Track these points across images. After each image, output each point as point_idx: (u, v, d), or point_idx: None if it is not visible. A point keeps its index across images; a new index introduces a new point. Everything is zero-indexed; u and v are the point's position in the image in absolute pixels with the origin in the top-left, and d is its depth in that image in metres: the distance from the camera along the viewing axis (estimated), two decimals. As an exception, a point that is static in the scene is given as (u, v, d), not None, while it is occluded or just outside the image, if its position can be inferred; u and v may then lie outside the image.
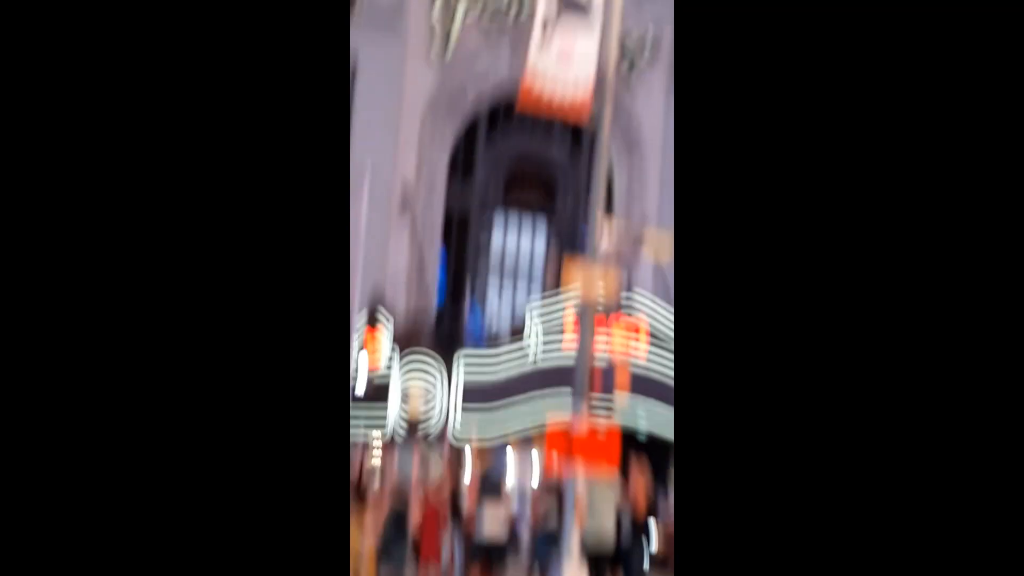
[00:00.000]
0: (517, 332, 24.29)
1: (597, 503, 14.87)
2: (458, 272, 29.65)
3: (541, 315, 23.36)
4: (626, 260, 14.88)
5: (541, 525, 16.36)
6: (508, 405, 22.04)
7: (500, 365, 22.77)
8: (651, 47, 30.93)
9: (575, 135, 30.86)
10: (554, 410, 17.69)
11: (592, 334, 13.77)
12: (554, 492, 16.51)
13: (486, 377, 22.50)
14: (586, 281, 13.62)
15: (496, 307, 29.35)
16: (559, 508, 15.08)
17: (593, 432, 14.29)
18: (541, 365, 22.03)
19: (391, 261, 28.68)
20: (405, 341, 23.61)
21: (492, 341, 25.28)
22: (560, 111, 13.90)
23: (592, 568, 14.75)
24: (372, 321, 25.16)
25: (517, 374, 22.32)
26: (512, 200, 30.57)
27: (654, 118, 31.47)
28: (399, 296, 27.64)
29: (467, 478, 19.97)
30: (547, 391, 21.39)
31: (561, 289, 14.21)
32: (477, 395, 22.30)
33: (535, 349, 22.32)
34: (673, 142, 28.28)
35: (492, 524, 15.07)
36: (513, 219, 31.13)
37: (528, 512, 17.97)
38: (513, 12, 29.69)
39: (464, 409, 22.29)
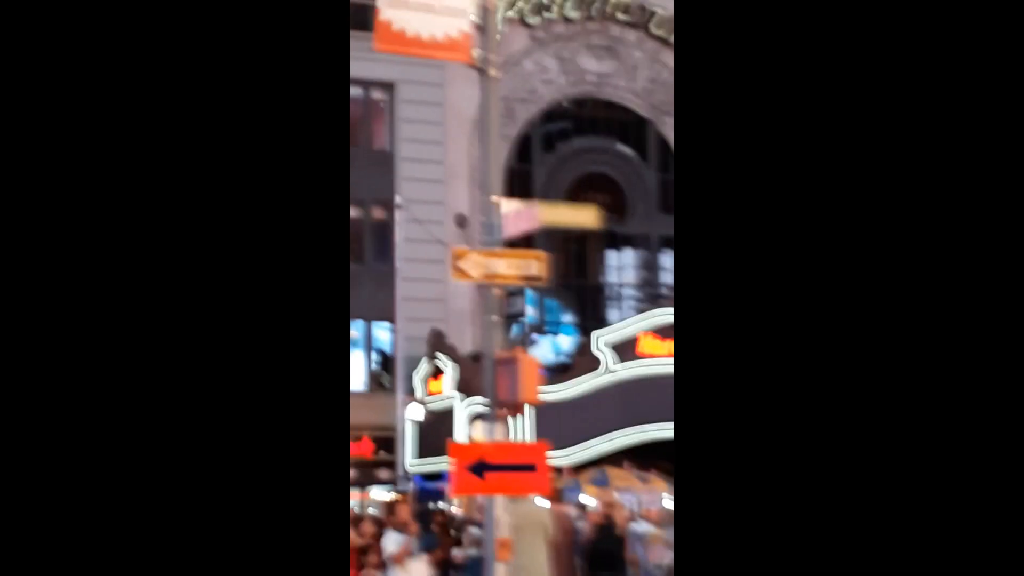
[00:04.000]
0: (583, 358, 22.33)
1: (524, 533, 12.43)
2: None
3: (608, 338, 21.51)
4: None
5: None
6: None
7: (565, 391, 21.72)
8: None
9: (638, 139, 28.72)
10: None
11: (497, 328, 12.00)
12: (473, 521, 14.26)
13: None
14: (482, 268, 11.52)
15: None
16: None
17: (509, 447, 11.89)
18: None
19: (451, 300, 26.56)
20: (467, 386, 21.57)
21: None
22: (431, 49, 11.68)
23: None
24: (435, 371, 23.27)
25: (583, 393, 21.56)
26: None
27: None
28: (464, 337, 25.45)
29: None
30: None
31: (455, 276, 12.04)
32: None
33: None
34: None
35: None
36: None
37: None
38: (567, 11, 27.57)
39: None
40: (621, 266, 29.24)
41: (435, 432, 21.49)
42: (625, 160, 29.10)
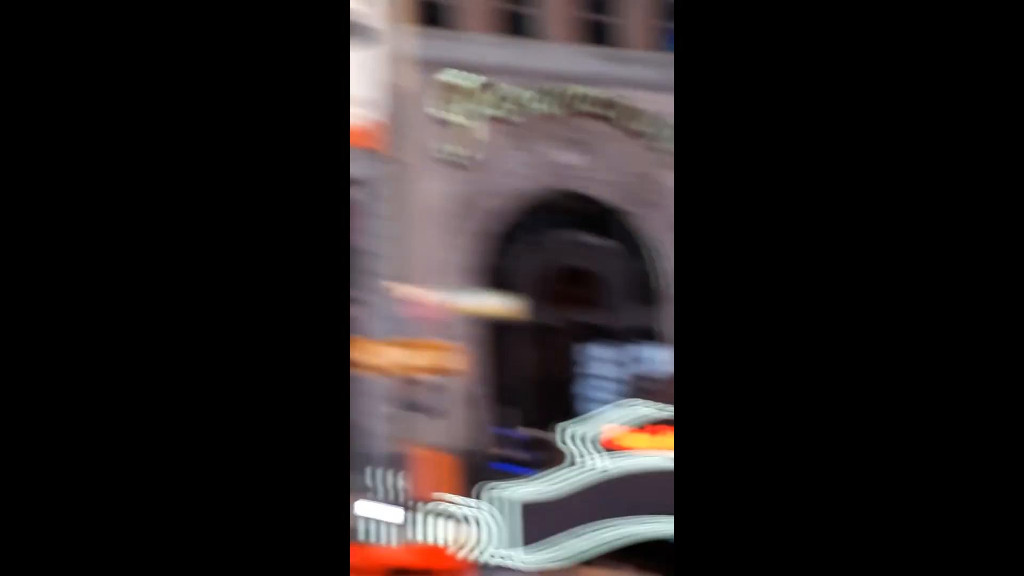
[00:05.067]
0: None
1: None
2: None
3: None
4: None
5: None
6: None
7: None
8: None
9: (611, 232, 28.40)
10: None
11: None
12: None
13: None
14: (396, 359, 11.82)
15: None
16: None
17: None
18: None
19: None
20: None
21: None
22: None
23: None
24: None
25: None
26: (552, 312, 27.74)
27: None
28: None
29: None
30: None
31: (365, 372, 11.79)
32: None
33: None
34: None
35: None
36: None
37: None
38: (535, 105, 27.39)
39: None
40: (598, 359, 28.77)
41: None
42: (600, 252, 28.76)
